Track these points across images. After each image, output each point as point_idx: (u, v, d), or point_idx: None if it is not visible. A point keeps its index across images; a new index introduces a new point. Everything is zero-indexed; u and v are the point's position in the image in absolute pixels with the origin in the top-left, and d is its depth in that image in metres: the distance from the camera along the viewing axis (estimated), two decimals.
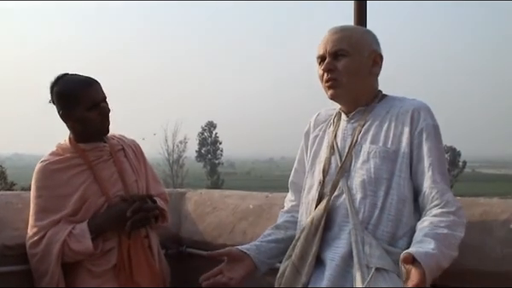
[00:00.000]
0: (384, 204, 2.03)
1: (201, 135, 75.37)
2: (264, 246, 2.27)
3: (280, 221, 2.40)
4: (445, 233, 1.88)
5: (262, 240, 2.30)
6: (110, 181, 2.67)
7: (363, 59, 2.15)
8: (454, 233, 1.91)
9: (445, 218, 1.93)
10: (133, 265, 2.61)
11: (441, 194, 1.99)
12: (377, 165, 2.06)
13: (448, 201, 1.98)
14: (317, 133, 2.33)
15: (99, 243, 2.57)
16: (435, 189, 2.00)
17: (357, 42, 2.16)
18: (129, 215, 2.57)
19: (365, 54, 2.16)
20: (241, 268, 2.20)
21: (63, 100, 2.60)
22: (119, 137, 2.85)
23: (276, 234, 2.32)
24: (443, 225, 1.91)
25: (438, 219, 1.93)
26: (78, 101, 2.56)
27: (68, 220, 2.58)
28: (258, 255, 2.23)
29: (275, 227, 2.37)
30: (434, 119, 2.11)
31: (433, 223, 1.92)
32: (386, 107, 2.16)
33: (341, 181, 2.12)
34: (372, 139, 2.11)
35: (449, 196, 1.99)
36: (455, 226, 1.93)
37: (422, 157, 2.04)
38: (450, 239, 1.89)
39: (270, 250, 2.27)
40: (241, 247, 2.26)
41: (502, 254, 2.12)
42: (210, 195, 3.45)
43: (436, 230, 1.89)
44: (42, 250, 2.54)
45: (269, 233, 2.34)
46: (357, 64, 2.14)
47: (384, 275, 1.91)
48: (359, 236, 2.00)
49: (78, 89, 2.57)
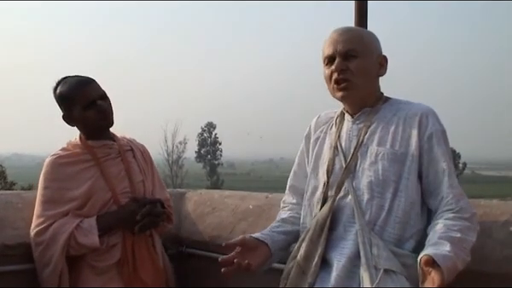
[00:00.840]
0: (391, 207, 2.03)
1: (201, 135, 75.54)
2: (276, 236, 2.24)
3: (285, 215, 2.36)
4: (458, 237, 1.89)
5: (274, 231, 2.27)
6: (117, 178, 2.71)
7: (372, 60, 2.15)
8: (467, 237, 1.92)
9: (459, 222, 1.94)
10: (137, 261, 2.63)
11: (457, 200, 2.00)
12: (385, 167, 2.05)
13: (462, 207, 1.99)
14: (319, 135, 2.32)
15: (104, 238, 2.60)
16: (451, 194, 2.00)
17: (369, 43, 2.17)
18: (139, 218, 2.61)
19: (374, 56, 2.16)
20: (258, 256, 2.14)
21: (62, 102, 2.67)
22: (130, 139, 2.91)
23: (285, 227, 2.30)
24: (456, 228, 1.92)
25: (451, 222, 1.94)
26: (74, 102, 2.62)
27: (76, 213, 2.61)
28: (272, 244, 2.20)
29: (281, 220, 2.34)
30: (442, 124, 2.12)
31: (447, 226, 1.92)
32: (392, 110, 2.16)
33: (346, 182, 2.11)
34: (379, 141, 2.11)
35: (464, 202, 2.01)
36: (468, 230, 1.94)
37: (436, 161, 2.05)
38: (463, 242, 1.90)
39: (281, 241, 2.25)
40: (256, 235, 2.20)
41: (501, 255, 2.12)
42: (210, 195, 3.46)
43: (450, 233, 1.89)
44: (48, 239, 2.56)
45: (277, 225, 2.31)
46: (368, 65, 2.14)
47: (392, 277, 1.91)
48: (366, 237, 1.99)
49: (73, 90, 2.63)
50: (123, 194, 2.69)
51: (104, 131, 2.74)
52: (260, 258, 2.15)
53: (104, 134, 2.74)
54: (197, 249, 3.22)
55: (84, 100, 2.61)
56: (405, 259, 1.97)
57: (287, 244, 2.27)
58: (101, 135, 2.73)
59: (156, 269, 2.70)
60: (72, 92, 2.62)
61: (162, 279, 2.76)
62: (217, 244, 3.08)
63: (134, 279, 2.62)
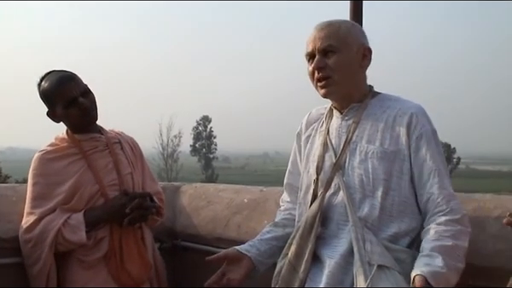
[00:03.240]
0: (384, 205, 2.02)
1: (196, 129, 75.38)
2: (263, 245, 2.26)
3: (278, 218, 2.39)
4: (450, 245, 1.89)
5: (262, 239, 2.29)
6: (104, 170, 2.70)
7: (352, 53, 2.11)
8: (459, 243, 1.92)
9: (450, 227, 1.93)
10: (124, 253, 2.63)
11: (447, 201, 1.99)
12: (375, 166, 2.04)
13: (453, 208, 1.98)
14: (310, 132, 2.30)
15: (92, 233, 2.60)
16: (441, 195, 1.99)
17: (345, 36, 2.12)
18: (128, 212, 2.60)
19: (354, 48, 2.12)
20: (241, 269, 2.20)
21: (45, 100, 2.67)
22: (118, 132, 2.90)
23: (275, 232, 2.31)
24: (448, 235, 1.91)
25: (443, 228, 1.93)
26: (56, 100, 2.62)
27: (64, 208, 2.60)
28: (258, 256, 2.23)
29: (273, 224, 2.36)
30: (432, 124, 2.10)
31: (439, 232, 1.92)
32: (382, 106, 2.14)
33: (336, 178, 2.11)
34: (368, 138, 2.09)
35: (455, 203, 1.99)
36: (460, 235, 1.94)
37: (425, 162, 2.03)
38: (455, 250, 1.90)
39: (269, 249, 2.26)
40: (241, 248, 2.25)
41: (494, 250, 2.13)
42: (205, 189, 3.45)
43: (442, 241, 1.89)
44: (36, 236, 2.56)
45: (268, 230, 2.33)
46: (348, 59, 2.10)
47: (386, 272, 1.91)
48: (359, 233, 1.98)
49: (53, 89, 2.62)
50: (110, 187, 2.68)
51: (89, 126, 2.72)
52: (243, 270, 2.20)
53: (91, 127, 2.74)
54: (192, 242, 3.22)
55: (65, 98, 2.59)
56: (399, 254, 1.97)
57: (276, 249, 2.26)
58: (88, 129, 2.72)
59: (144, 262, 2.69)
60: (53, 90, 2.61)
61: (150, 272, 2.75)
62: (212, 238, 3.09)
63: (121, 271, 2.61)
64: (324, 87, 2.12)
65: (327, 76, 2.11)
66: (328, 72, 2.10)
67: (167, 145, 65.16)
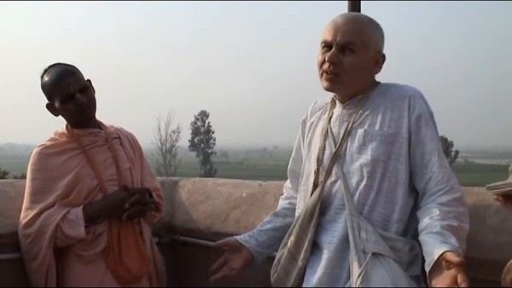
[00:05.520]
0: (380, 186, 2.03)
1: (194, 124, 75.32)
2: (263, 236, 2.30)
3: (278, 208, 2.42)
4: (456, 226, 1.90)
5: (261, 229, 2.33)
6: (103, 165, 2.70)
7: (367, 58, 2.10)
8: (462, 225, 1.94)
9: (452, 209, 1.95)
10: (122, 248, 2.63)
11: (447, 179, 2.01)
12: (374, 148, 2.05)
13: (453, 187, 2.00)
14: (313, 120, 2.31)
15: (91, 228, 2.59)
16: (442, 173, 2.02)
17: (368, 39, 2.10)
18: (127, 207, 2.60)
19: (371, 53, 2.11)
20: (240, 259, 2.26)
21: (45, 93, 2.67)
22: (117, 128, 2.90)
23: (275, 222, 2.34)
24: (452, 216, 1.93)
25: (446, 209, 1.94)
26: (54, 94, 2.62)
27: (62, 203, 2.60)
28: (256, 246, 2.28)
29: (273, 214, 2.39)
30: (429, 106, 2.12)
31: (443, 212, 1.93)
32: (381, 94, 2.15)
33: (336, 167, 2.11)
34: (368, 123, 2.10)
35: (454, 182, 2.02)
36: (462, 216, 1.96)
37: (424, 141, 2.05)
38: (460, 231, 1.91)
39: (268, 239, 2.30)
40: (240, 238, 2.29)
41: (494, 242, 2.13)
42: (203, 183, 3.45)
43: (448, 221, 1.90)
44: (35, 231, 2.56)
45: (268, 220, 2.37)
46: (362, 63, 2.09)
47: (381, 260, 1.93)
48: (355, 222, 2.00)
49: (52, 83, 2.62)
50: (109, 181, 2.68)
51: (86, 122, 2.72)
52: (242, 260, 2.26)
53: (90, 123, 2.73)
54: (191, 237, 3.22)
55: (63, 93, 2.59)
56: (394, 243, 1.99)
57: (275, 240, 2.29)
58: (87, 124, 2.72)
59: (142, 257, 2.70)
60: (52, 84, 2.61)
61: (148, 266, 2.75)
62: (210, 232, 3.09)
63: (119, 266, 2.62)
64: (330, 81, 2.11)
65: (337, 73, 2.09)
66: (339, 70, 2.08)
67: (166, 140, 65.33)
